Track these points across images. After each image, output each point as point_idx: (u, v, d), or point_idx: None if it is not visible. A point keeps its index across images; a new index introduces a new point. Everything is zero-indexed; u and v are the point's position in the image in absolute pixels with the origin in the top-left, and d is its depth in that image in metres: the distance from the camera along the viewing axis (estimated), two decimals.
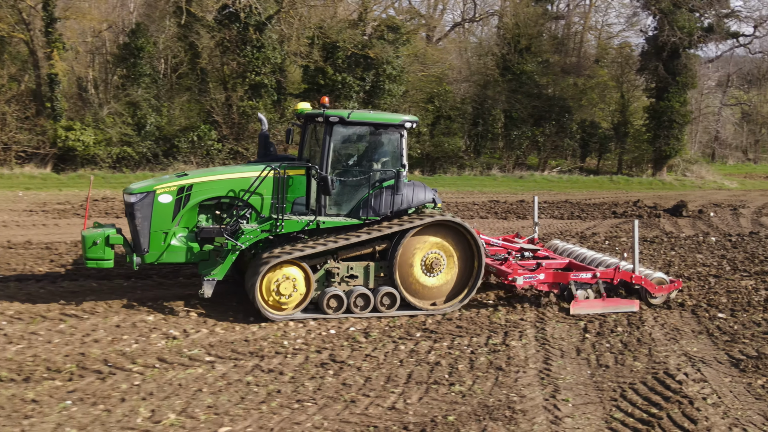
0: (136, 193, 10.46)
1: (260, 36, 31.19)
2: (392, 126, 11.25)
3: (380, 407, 7.58)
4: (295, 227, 10.77)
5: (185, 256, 10.73)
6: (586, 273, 12.00)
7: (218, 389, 7.89)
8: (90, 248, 10.35)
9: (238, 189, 10.83)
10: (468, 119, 38.54)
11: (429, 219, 11.01)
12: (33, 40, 28.63)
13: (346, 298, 10.80)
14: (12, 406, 7.22)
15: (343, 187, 11.17)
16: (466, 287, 11.56)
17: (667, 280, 12.28)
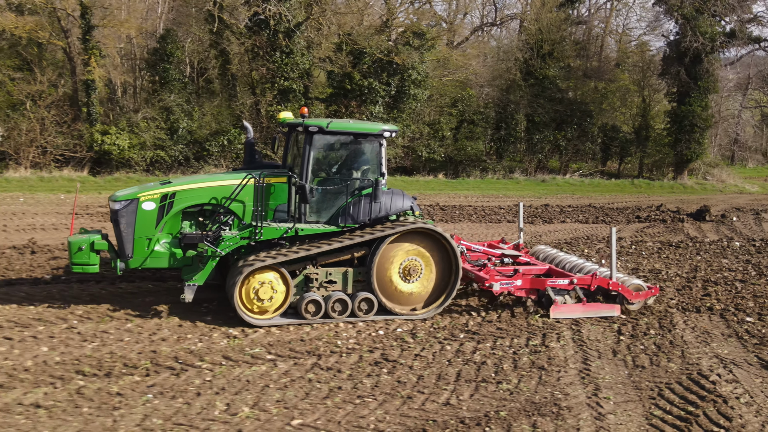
0: (120, 200, 10.80)
1: (289, 42, 31.89)
2: (371, 135, 11.48)
3: (436, 403, 8.18)
4: (274, 234, 11.01)
5: (168, 262, 11.02)
6: (563, 279, 12.25)
7: (283, 385, 8.52)
8: (75, 254, 10.73)
9: (220, 196, 11.10)
10: (491, 123, 39.05)
11: (406, 227, 11.24)
12: (70, 47, 29.50)
13: (324, 303, 11.03)
14: (100, 399, 7.89)
15: (322, 195, 11.42)
16: (443, 293, 11.76)
17: (644, 286, 12.55)
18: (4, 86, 27.97)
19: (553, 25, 38.53)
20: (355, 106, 33.81)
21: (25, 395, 7.88)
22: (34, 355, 9.13)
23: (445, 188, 33.28)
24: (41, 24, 27.93)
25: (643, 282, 12.72)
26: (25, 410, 7.51)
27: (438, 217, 23.53)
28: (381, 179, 11.40)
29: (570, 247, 18.64)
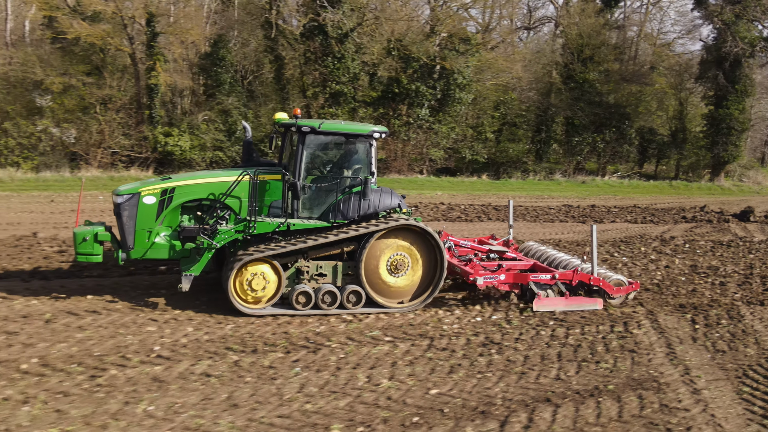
0: (122, 194, 11.30)
1: (341, 47, 33.10)
2: (362, 136, 11.94)
3: (548, 378, 9.27)
4: (267, 228, 11.51)
5: (168, 253, 11.50)
6: (545, 274, 12.74)
7: (409, 362, 9.64)
8: (80, 244, 11.28)
9: (217, 192, 11.56)
10: (531, 126, 40.02)
11: (393, 223, 11.70)
12: (135, 53, 30.94)
13: (314, 295, 11.52)
14: (257, 371, 9.06)
15: (314, 192, 11.88)
16: (429, 287, 12.22)
17: (625, 282, 13.04)
18: (77, 90, 29.42)
19: (593, 30, 39.42)
20: (403, 109, 34.96)
21: (193, 366, 9.07)
22: (183, 335, 10.35)
23: (491, 189, 34.32)
24: (111, 32, 29.35)
25: (624, 278, 13.26)
26: (199, 378, 8.70)
27: (494, 216, 24.57)
28: (370, 178, 11.87)
29: (626, 245, 19.60)
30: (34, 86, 29.31)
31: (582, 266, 13.15)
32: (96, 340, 9.91)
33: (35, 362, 8.96)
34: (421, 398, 8.41)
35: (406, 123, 35.41)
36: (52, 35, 29.22)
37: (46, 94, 28.96)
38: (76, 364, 8.94)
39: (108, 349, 9.59)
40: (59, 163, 29.12)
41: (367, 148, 12.11)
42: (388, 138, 35.62)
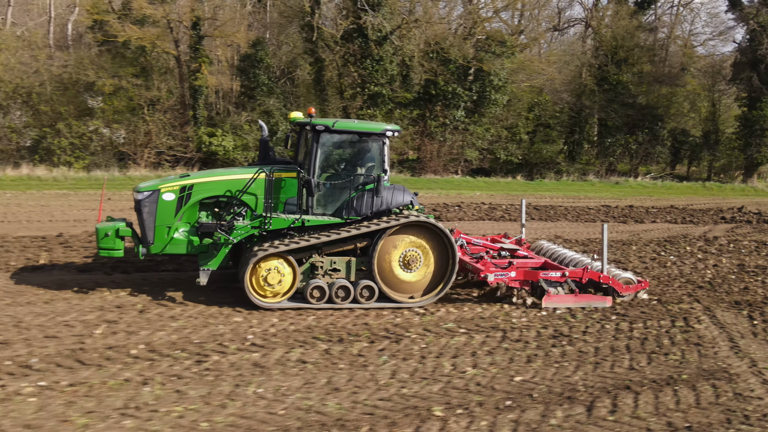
0: (143, 191, 11.66)
1: (380, 50, 33.70)
2: (375, 134, 12.19)
3: (622, 368, 9.76)
4: (282, 224, 11.79)
5: (186, 248, 11.84)
6: (555, 272, 12.89)
7: (488, 352, 10.17)
8: (102, 239, 11.69)
9: (234, 189, 11.87)
10: (565, 127, 40.39)
11: (405, 219, 11.89)
12: (180, 55, 31.74)
13: (328, 289, 11.76)
14: (348, 359, 9.63)
15: (328, 189, 12.11)
16: (441, 282, 12.41)
17: (634, 280, 13.19)
18: (126, 92, 30.27)
19: (627, 32, 39.71)
20: (439, 110, 35.48)
21: (287, 354, 9.67)
22: (270, 325, 10.96)
23: (527, 189, 34.74)
24: (160, 35, 30.17)
25: (633, 276, 13.45)
26: (296, 364, 9.29)
27: (536, 215, 25.02)
28: (383, 175, 12.05)
29: (671, 245, 19.98)
30: (86, 88, 30.19)
31: (592, 264, 13.32)
32: (191, 329, 10.55)
33: (143, 348, 9.60)
34: (507, 384, 8.94)
35: (442, 124, 35.92)
36: (102, 38, 30.07)
37: (97, 96, 29.83)
38: (180, 350, 9.57)
39: (204, 337, 10.21)
40: (108, 162, 29.99)
41: (380, 146, 12.33)
42: (424, 138, 36.18)
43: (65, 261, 14.62)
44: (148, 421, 7.42)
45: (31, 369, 8.71)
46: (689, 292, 14.28)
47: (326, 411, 7.87)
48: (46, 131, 29.58)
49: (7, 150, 29.53)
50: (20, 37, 31.29)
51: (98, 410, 7.63)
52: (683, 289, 14.49)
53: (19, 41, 30.79)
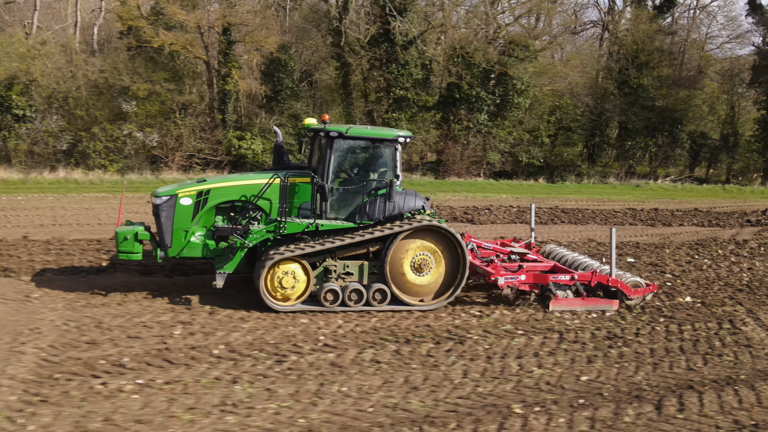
0: (161, 196, 11.91)
1: (405, 54, 34.18)
2: (387, 140, 12.37)
3: (680, 368, 10.17)
4: (296, 229, 12.00)
5: (202, 252, 12.10)
6: (564, 275, 13.00)
7: (549, 353, 10.61)
8: (122, 243, 11.99)
9: (249, 194, 12.09)
10: (586, 131, 40.78)
11: (417, 224, 12.12)
12: (210, 60, 32.28)
13: (341, 293, 11.98)
14: (418, 359, 10.08)
15: (342, 194, 12.33)
16: (452, 286, 12.61)
17: (642, 283, 13.27)
18: (159, 96, 30.83)
19: (647, 36, 40.06)
20: (463, 114, 35.93)
21: (360, 354, 10.13)
22: (337, 326, 11.42)
23: (551, 192, 35.14)
24: (193, 41, 30.73)
25: (641, 279, 13.55)
26: (371, 364, 9.75)
27: (565, 219, 25.42)
28: (395, 180, 12.31)
29: (702, 248, 20.35)
30: (119, 92, 30.76)
31: (601, 268, 13.47)
32: (263, 330, 11.02)
33: (223, 348, 10.08)
34: (575, 383, 9.38)
35: (465, 127, 36.37)
36: (136, 44, 30.62)
37: (131, 100, 30.39)
38: (258, 351, 10.04)
39: (278, 337, 10.69)
40: (141, 165, 30.54)
41: (392, 152, 12.53)
42: (448, 142, 36.63)
43: (124, 263, 15.03)
44: (248, 417, 7.89)
45: (125, 368, 9.20)
46: (730, 294, 14.68)
47: (411, 408, 8.32)
48: (82, 135, 30.15)
49: (44, 153, 30.16)
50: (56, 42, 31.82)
51: (198, 407, 8.11)
52: (724, 292, 14.90)
53: (56, 47, 31.39)
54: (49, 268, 14.49)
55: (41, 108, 30.33)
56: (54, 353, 9.64)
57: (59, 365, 9.20)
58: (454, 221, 23.82)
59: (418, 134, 35.75)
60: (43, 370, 9.01)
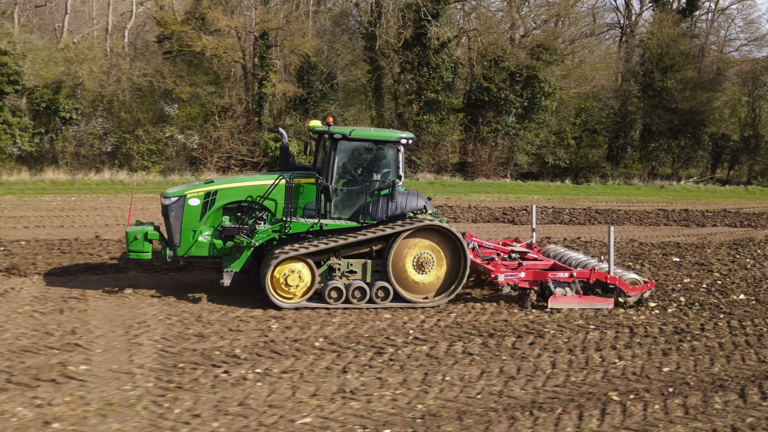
0: (170, 196, 12.23)
1: (436, 57, 34.84)
2: (390, 142, 12.69)
3: (752, 361, 10.78)
4: (301, 228, 12.34)
5: (210, 251, 12.39)
6: (563, 272, 13.29)
7: (625, 346, 11.22)
8: (132, 242, 12.32)
9: (255, 195, 12.41)
10: (610, 132, 41.38)
11: (419, 223, 12.47)
12: (246, 64, 32.99)
13: (345, 290, 12.31)
14: (506, 351, 10.71)
15: (345, 194, 12.64)
16: (453, 283, 12.96)
17: (640, 281, 13.49)
18: (199, 99, 31.58)
19: (672, 40, 40.63)
20: (492, 116, 36.57)
21: (451, 347, 10.78)
22: (421, 321, 12.07)
23: (579, 193, 35.76)
24: (233, 45, 31.47)
25: (639, 277, 13.78)
26: (464, 356, 10.39)
27: (601, 219, 26.03)
28: (398, 181, 12.64)
29: (741, 248, 20.94)
30: (162, 96, 31.50)
31: (599, 266, 13.75)
32: (353, 324, 11.68)
33: (323, 341, 10.75)
34: (658, 374, 10.01)
35: (494, 129, 37.00)
36: (178, 48, 31.35)
37: (174, 103, 31.14)
38: (355, 343, 10.70)
39: (370, 331, 11.34)
40: (182, 166, 31.28)
41: (395, 153, 12.84)
42: (477, 143, 37.27)
43: (200, 262, 15.65)
44: (369, 403, 8.54)
45: (239, 358, 9.87)
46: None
47: (516, 395, 8.97)
48: (126, 137, 30.90)
49: (89, 155, 30.92)
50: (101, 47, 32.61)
51: (320, 393, 8.77)
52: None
53: (101, 51, 32.17)
54: (131, 266, 15.17)
55: (86, 111, 31.09)
56: (169, 345, 10.33)
57: (179, 356, 9.88)
58: (496, 222, 24.48)
59: (447, 136, 36.46)
60: (165, 360, 9.70)
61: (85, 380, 8.89)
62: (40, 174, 29.00)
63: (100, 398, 8.35)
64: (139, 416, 7.92)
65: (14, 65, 29.11)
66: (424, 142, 35.93)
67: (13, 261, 15.14)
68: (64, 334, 10.61)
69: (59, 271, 14.66)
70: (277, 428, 7.77)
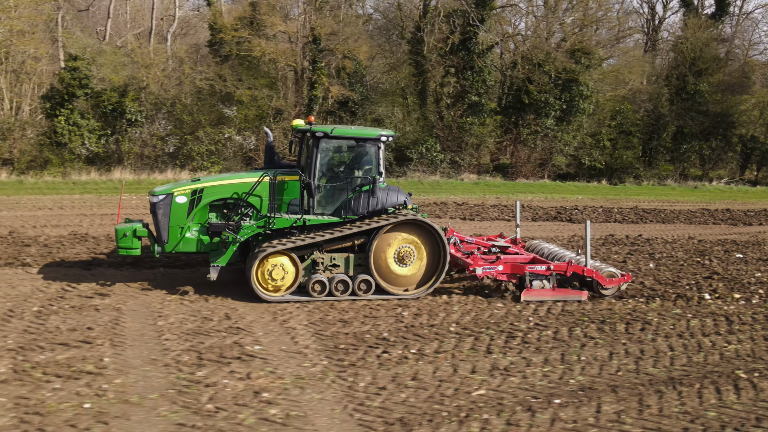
0: (158, 194, 12.56)
1: (480, 61, 35.87)
2: (370, 140, 13.01)
3: None
4: (285, 224, 12.68)
5: (197, 247, 12.76)
6: (541, 266, 13.59)
7: (727, 332, 12.16)
8: (121, 239, 12.62)
9: (241, 192, 12.72)
10: (644, 134, 42.34)
11: (400, 218, 12.85)
12: (297, 67, 34.07)
13: (328, 284, 12.66)
14: (622, 335, 11.69)
15: (328, 190, 12.97)
16: (433, 276, 13.37)
17: (618, 273, 13.87)
18: (256, 101, 32.67)
19: (704, 45, 41.56)
20: (532, 118, 37.57)
21: (571, 331, 11.75)
22: (534, 309, 13.08)
23: (620, 193, 36.71)
24: (290, 50, 32.55)
25: (616, 270, 14.16)
26: (588, 339, 11.34)
27: (651, 218, 26.98)
28: (379, 177, 12.97)
29: None
30: (221, 99, 32.60)
31: (576, 258, 14.07)
32: (474, 312, 12.67)
33: (456, 326, 11.75)
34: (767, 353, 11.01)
35: (534, 132, 38.01)
36: (237, 52, 32.44)
37: (233, 106, 32.23)
38: (485, 328, 11.70)
39: (493, 318, 12.35)
40: (239, 166, 32.35)
41: (375, 150, 13.16)
42: (517, 145, 38.28)
43: None
44: (526, 379, 9.53)
45: (389, 341, 10.88)
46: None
47: (651, 373, 9.96)
48: (187, 138, 31.98)
49: (151, 156, 32.04)
50: (164, 51, 33.76)
51: (477, 371, 9.76)
52: None
53: (165, 56, 33.31)
54: None
55: (150, 113, 32.21)
56: (320, 329, 11.34)
57: (335, 338, 10.89)
58: (555, 221, 25.45)
59: (489, 138, 37.49)
60: (325, 342, 10.71)
61: (266, 358, 9.91)
62: (108, 174, 30.15)
63: (290, 373, 9.37)
64: (331, 388, 8.94)
65: (85, 69, 30.29)
66: (467, 144, 37.00)
67: None
68: (221, 319, 11.63)
69: (181, 264, 15.73)
70: (458, 399, 8.77)
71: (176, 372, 9.24)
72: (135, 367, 9.36)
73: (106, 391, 8.52)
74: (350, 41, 33.33)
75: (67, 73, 30.67)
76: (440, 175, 35.89)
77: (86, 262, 15.38)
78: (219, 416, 7.97)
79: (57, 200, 25.65)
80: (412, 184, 34.09)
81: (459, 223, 23.64)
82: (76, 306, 12.06)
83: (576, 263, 13.80)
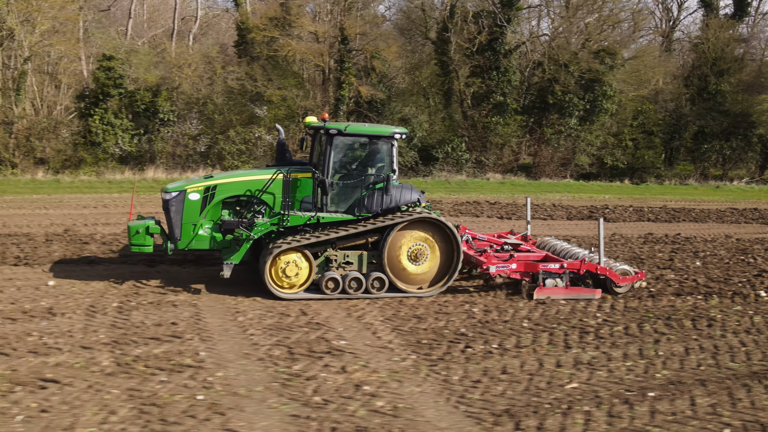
0: (171, 191, 12.57)
1: (506, 62, 36.09)
2: (384, 137, 12.98)
3: None
4: (299, 221, 12.66)
5: (210, 244, 12.74)
6: (554, 264, 13.55)
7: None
8: (134, 236, 12.61)
9: (254, 189, 12.71)
10: (666, 134, 42.52)
11: (414, 216, 12.84)
12: (325, 67, 34.31)
13: (341, 281, 12.64)
14: (690, 331, 11.89)
15: (341, 188, 12.94)
16: (446, 274, 13.31)
17: (631, 271, 13.79)
18: (286, 101, 32.92)
19: (726, 45, 41.73)
20: (556, 118, 37.78)
21: (641, 327, 11.97)
22: (597, 306, 13.29)
23: (645, 193, 36.90)
24: (320, 50, 32.80)
25: (630, 267, 14.10)
26: (659, 335, 11.57)
27: (683, 217, 27.16)
28: (392, 175, 12.94)
29: None
30: (251, 99, 32.86)
31: (590, 256, 14.02)
32: (540, 309, 12.87)
33: (528, 323, 11.93)
34: None
35: (557, 131, 38.22)
36: (267, 53, 32.71)
37: (263, 105, 32.48)
38: (557, 324, 11.89)
39: (561, 314, 12.54)
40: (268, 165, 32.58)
41: (389, 147, 13.12)
42: (540, 145, 38.48)
43: None
44: (612, 373, 9.71)
45: (468, 336, 11.08)
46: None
47: (732, 367, 10.15)
48: (219, 138, 32.24)
49: (183, 155, 32.29)
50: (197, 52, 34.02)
51: (563, 365, 9.96)
52: None
53: (198, 56, 33.58)
54: None
55: (182, 113, 32.47)
56: (397, 325, 11.56)
57: (413, 334, 11.10)
58: (589, 219, 25.65)
59: (513, 138, 37.71)
60: (406, 337, 10.93)
61: (354, 353, 10.13)
62: (141, 173, 30.45)
63: (383, 367, 9.58)
64: (428, 382, 9.15)
65: (120, 69, 30.56)
66: (492, 144, 37.25)
67: None
68: (298, 315, 11.86)
69: None
70: (553, 391, 8.98)
71: (272, 366, 9.45)
72: (231, 361, 9.58)
73: (212, 383, 8.74)
74: (379, 41, 33.53)
75: (102, 73, 30.98)
76: (466, 175, 36.12)
77: (150, 259, 15.59)
78: (329, 408, 8.18)
79: (97, 199, 25.93)
80: (439, 183, 34.31)
81: (497, 222, 23.86)
82: (153, 302, 12.30)
83: (589, 261, 13.79)
